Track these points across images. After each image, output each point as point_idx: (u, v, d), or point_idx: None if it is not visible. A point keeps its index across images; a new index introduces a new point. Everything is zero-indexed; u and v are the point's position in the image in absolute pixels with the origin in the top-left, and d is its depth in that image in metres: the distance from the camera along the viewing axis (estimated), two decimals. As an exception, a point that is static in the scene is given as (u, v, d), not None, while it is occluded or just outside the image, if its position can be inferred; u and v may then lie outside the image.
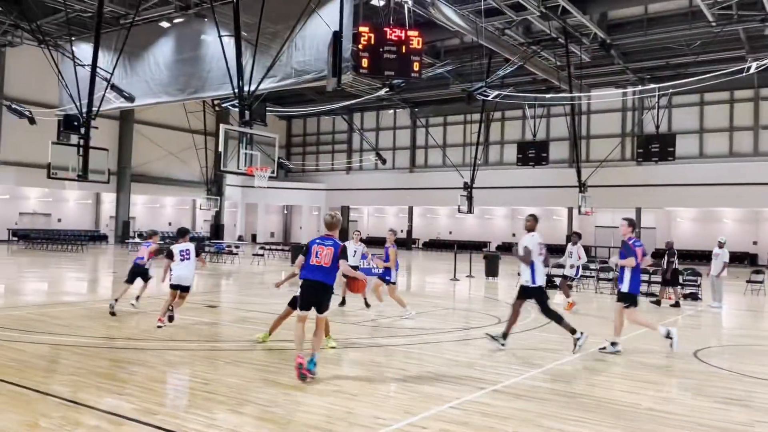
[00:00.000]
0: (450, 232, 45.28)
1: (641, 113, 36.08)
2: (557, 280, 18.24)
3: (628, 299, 8.61)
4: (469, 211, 32.06)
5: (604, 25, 25.90)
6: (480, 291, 17.78)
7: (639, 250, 8.71)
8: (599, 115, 38.13)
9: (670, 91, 26.92)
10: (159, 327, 9.25)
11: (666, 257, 15.28)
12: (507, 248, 40.48)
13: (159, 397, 5.81)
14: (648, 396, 6.39)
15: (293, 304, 8.11)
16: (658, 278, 16.04)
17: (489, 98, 25.72)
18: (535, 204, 40.83)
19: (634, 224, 9.20)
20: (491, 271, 21.11)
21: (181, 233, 10.09)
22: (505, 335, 8.59)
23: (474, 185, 32.09)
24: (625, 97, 34.59)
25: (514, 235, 43.04)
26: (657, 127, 29.92)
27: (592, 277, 18.43)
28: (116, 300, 10.72)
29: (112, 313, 10.42)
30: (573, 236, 14.51)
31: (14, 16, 25.89)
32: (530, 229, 8.79)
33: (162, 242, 12.42)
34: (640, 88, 30.24)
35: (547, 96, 28.65)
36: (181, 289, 9.54)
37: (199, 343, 8.76)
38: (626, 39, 27.04)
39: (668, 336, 8.53)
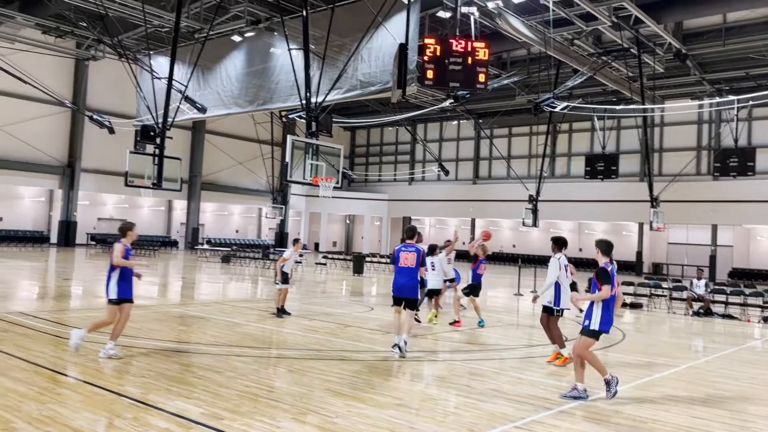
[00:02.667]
0: (513, 245, 44.53)
1: (719, 126, 34.51)
2: (627, 299, 17.61)
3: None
4: (534, 224, 31.39)
5: (680, 35, 24.98)
6: (544, 307, 17.32)
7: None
8: (673, 127, 36.72)
9: (750, 103, 25.59)
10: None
11: None
12: (573, 263, 39.41)
13: (225, 402, 5.92)
14: (725, 424, 6.04)
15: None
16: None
17: (556, 110, 25.17)
18: (603, 218, 39.72)
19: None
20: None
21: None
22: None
23: (539, 198, 31.46)
24: (702, 109, 33.17)
25: (581, 249, 41.93)
26: (735, 140, 28.51)
27: (665, 296, 17.68)
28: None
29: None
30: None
31: (97, 32, 27.37)
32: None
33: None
34: (717, 99, 28.91)
35: (618, 107, 27.82)
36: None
37: (263, 350, 8.91)
38: (703, 49, 25.99)
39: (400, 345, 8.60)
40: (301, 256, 11.84)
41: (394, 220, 49.96)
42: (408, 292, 8.66)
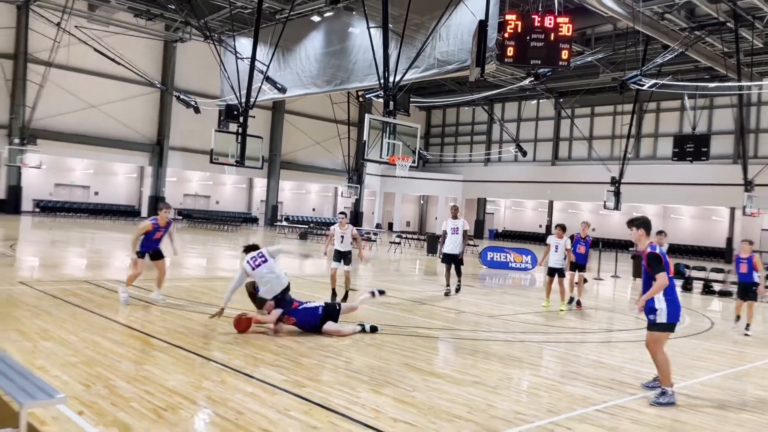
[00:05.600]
0: (593, 229, 43.09)
1: (824, 104, 31.96)
2: (716, 286, 16.79)
3: None
4: (616, 207, 30.34)
5: (783, 6, 23.17)
6: (625, 292, 16.82)
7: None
8: (772, 106, 34.31)
9: None
10: None
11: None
12: (656, 249, 37.84)
13: (306, 371, 6.12)
14: (828, 421, 5.68)
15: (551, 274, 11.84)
16: None
17: (644, 88, 24.01)
18: (691, 202, 37.84)
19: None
20: (639, 271, 19.83)
21: None
22: None
23: (623, 180, 30.28)
24: (805, 86, 30.78)
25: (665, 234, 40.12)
26: (843, 120, 26.34)
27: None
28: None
29: None
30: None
31: (185, 14, 28.41)
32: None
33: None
34: (824, 76, 26.75)
35: (711, 85, 26.19)
36: None
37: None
38: (809, 21, 24.00)
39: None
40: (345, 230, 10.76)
41: (469, 201, 49.50)
42: None
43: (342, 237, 10.83)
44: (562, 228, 12.21)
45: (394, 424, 4.75)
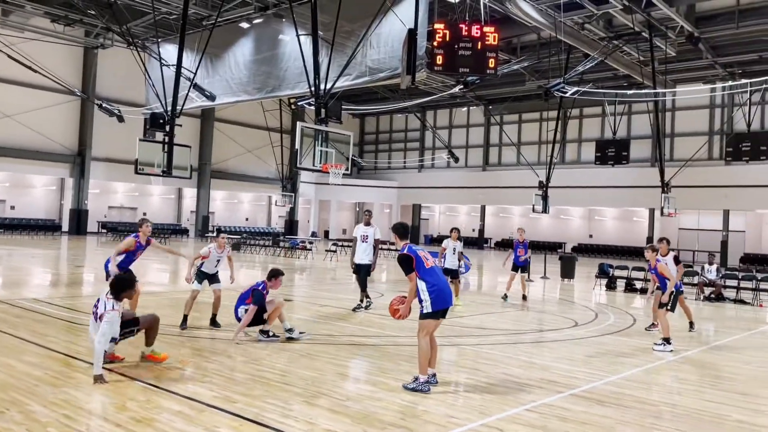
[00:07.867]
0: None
1: (731, 110, 34.14)
2: (638, 284, 17.53)
3: None
4: (544, 210, 31.33)
5: (692, 18, 24.62)
6: (554, 293, 17.35)
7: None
8: (685, 112, 36.36)
9: (764, 86, 25.26)
10: None
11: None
12: (583, 249, 39.36)
13: (238, 385, 5.97)
14: (737, 407, 6.02)
15: None
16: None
17: (567, 95, 24.96)
18: (614, 204, 39.51)
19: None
20: (567, 272, 20.54)
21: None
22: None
23: (550, 184, 31.32)
24: (714, 93, 32.80)
25: (591, 236, 41.79)
26: (749, 124, 28.21)
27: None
28: None
29: None
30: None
31: (106, 20, 27.38)
32: None
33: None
34: (730, 83, 28.56)
35: (629, 92, 27.51)
36: None
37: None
38: (716, 32, 25.57)
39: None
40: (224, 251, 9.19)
41: (404, 207, 49.94)
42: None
43: (218, 261, 9.18)
44: (458, 230, 13.16)
45: (327, 436, 4.69)
